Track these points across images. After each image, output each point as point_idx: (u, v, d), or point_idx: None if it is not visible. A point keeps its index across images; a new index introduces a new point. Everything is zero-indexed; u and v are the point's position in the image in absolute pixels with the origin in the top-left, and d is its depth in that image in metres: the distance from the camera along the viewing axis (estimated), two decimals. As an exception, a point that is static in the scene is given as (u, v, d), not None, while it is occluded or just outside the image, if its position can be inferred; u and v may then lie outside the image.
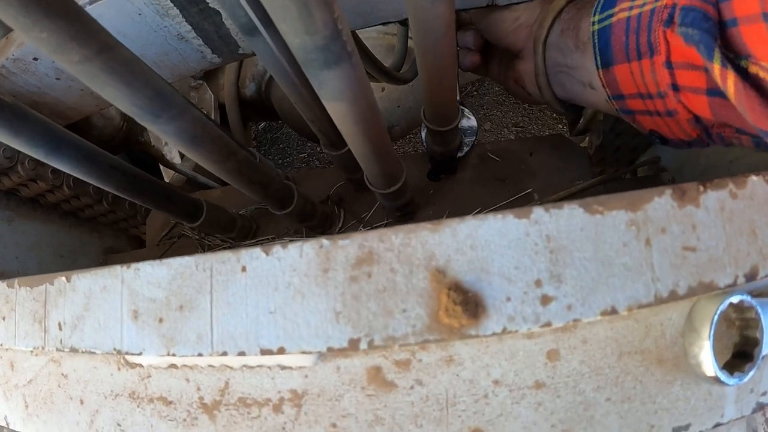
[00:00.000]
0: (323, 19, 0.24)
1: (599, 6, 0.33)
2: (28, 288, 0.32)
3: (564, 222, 0.23)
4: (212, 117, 0.63)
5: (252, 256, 0.24)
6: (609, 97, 0.34)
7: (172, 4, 0.38)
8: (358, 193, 0.50)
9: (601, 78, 0.33)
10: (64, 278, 0.30)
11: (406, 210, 0.44)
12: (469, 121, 0.43)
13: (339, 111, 0.30)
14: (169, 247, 0.52)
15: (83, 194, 0.49)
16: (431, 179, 0.47)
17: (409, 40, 0.62)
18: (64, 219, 0.51)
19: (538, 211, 0.23)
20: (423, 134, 0.47)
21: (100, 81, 0.27)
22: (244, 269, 0.24)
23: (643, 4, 0.30)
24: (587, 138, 0.49)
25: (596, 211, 0.23)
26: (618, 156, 0.46)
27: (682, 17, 0.26)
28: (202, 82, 0.65)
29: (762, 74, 0.23)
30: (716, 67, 0.24)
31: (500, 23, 0.42)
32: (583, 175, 0.46)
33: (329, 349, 0.23)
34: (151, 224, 0.55)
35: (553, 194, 0.45)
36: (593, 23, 0.33)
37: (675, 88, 0.29)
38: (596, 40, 0.33)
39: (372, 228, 0.46)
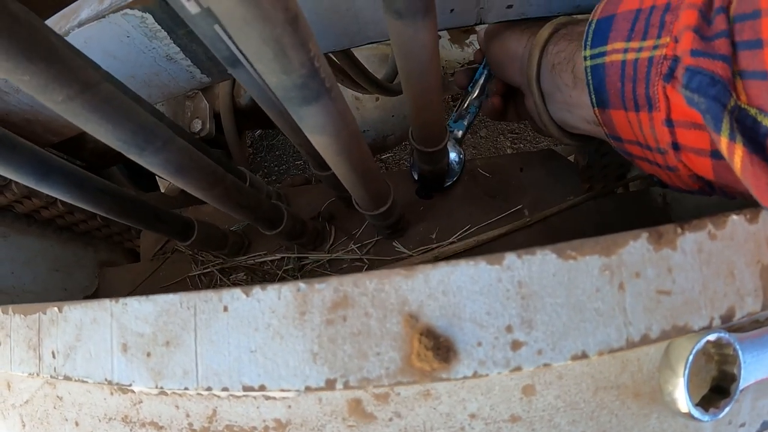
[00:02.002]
0: (299, 60, 0.24)
1: (589, 39, 0.31)
2: (21, 315, 0.33)
3: (536, 268, 0.23)
4: (208, 126, 0.64)
5: (233, 296, 0.25)
6: (607, 135, 0.32)
7: (159, 27, 0.39)
8: (348, 210, 0.50)
9: (597, 116, 0.32)
10: (56, 308, 0.31)
11: (396, 227, 0.45)
12: (460, 155, 0.44)
13: (321, 143, 0.31)
14: (163, 262, 0.54)
15: (77, 210, 0.51)
16: (422, 197, 0.48)
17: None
18: (59, 234, 0.53)
19: (510, 258, 0.23)
20: (411, 160, 0.47)
21: (83, 118, 0.28)
22: (225, 309, 0.26)
23: (640, 49, 0.27)
24: (573, 156, 0.49)
25: (569, 256, 0.24)
26: (606, 173, 0.47)
27: (687, 79, 0.24)
28: (197, 92, 0.66)
29: None
30: (723, 141, 0.23)
31: (495, 56, 0.41)
32: (575, 190, 0.46)
33: (307, 388, 0.24)
34: (146, 239, 0.57)
35: (544, 210, 0.45)
36: (585, 58, 0.31)
37: (676, 147, 0.27)
38: (590, 78, 0.31)
39: (362, 245, 0.47)
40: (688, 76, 0.24)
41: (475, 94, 0.45)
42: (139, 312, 0.28)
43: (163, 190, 0.69)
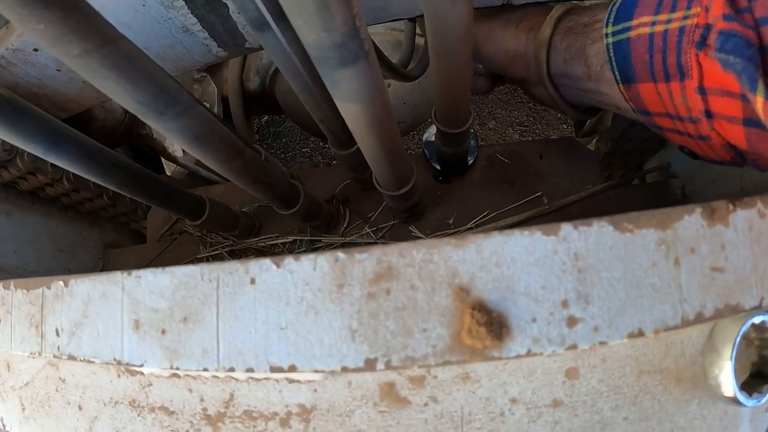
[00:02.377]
0: (342, 16, 0.21)
1: (612, 16, 0.30)
2: (24, 290, 0.30)
3: (593, 240, 0.21)
4: (215, 110, 0.60)
5: (262, 267, 0.22)
6: (634, 110, 0.31)
7: (177, -5, 0.36)
8: (364, 193, 0.47)
9: (623, 92, 0.31)
10: (61, 282, 0.28)
11: (413, 211, 0.42)
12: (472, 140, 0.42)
13: (352, 112, 0.28)
14: (170, 243, 0.50)
15: (83, 188, 0.47)
16: (439, 182, 0.45)
17: (417, 36, 0.60)
18: (64, 213, 0.49)
19: (566, 228, 0.21)
20: (424, 137, 0.45)
21: (100, 75, 0.25)
22: (253, 281, 0.22)
23: (669, 20, 0.27)
24: (595, 143, 0.47)
25: (626, 229, 0.21)
26: (627, 160, 0.45)
27: (721, 42, 0.23)
28: (205, 75, 0.63)
29: None
30: (759, 100, 0.22)
31: (491, 57, 0.39)
32: (593, 179, 0.44)
33: (344, 369, 0.21)
34: (153, 220, 0.53)
35: (563, 198, 0.43)
36: (606, 35, 0.30)
37: (709, 115, 0.26)
38: (612, 54, 0.30)
39: (377, 228, 0.45)
40: (722, 39, 0.23)
41: None
42: (154, 285, 0.24)
43: (169, 173, 0.66)
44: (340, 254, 0.21)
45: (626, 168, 0.46)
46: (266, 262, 0.22)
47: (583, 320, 0.20)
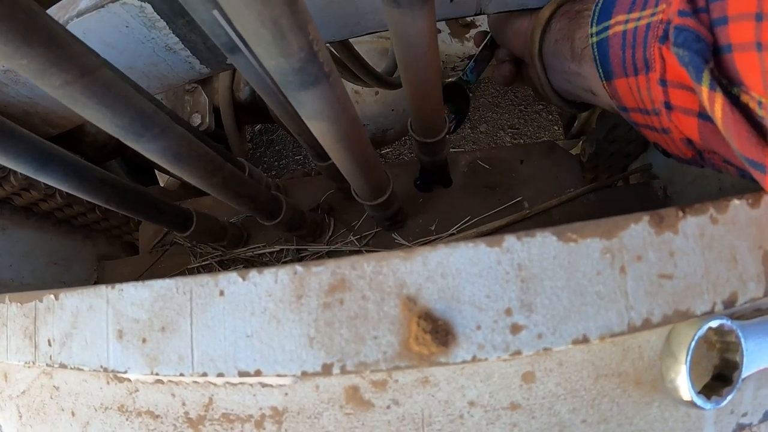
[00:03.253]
0: (298, 43, 0.24)
1: (595, 17, 0.33)
2: (18, 304, 0.33)
3: (536, 250, 0.23)
4: (207, 120, 0.63)
5: (229, 280, 0.25)
6: (616, 107, 0.34)
7: (158, 17, 0.39)
8: (347, 202, 0.50)
9: (606, 90, 0.33)
10: (52, 296, 0.31)
11: (395, 219, 0.45)
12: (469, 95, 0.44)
13: (319, 129, 0.31)
14: (161, 254, 0.53)
15: (76, 202, 0.51)
16: (422, 190, 0.48)
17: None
18: (58, 227, 0.52)
19: (510, 240, 0.23)
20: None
21: (81, 104, 0.28)
22: (222, 293, 0.25)
23: (639, 18, 0.29)
24: (580, 145, 0.49)
25: (570, 239, 0.23)
26: (611, 163, 0.46)
27: (674, 36, 0.26)
28: (197, 86, 0.66)
29: (752, 105, 0.23)
30: (704, 90, 0.24)
31: (502, 31, 0.43)
32: (574, 182, 0.46)
33: (303, 373, 0.24)
34: (144, 232, 0.56)
35: (544, 202, 0.45)
36: (591, 35, 0.33)
37: (668, 106, 0.29)
38: (596, 54, 0.33)
39: (361, 236, 0.47)
40: (675, 33, 0.25)
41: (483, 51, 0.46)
42: (135, 298, 0.27)
43: (162, 185, 0.69)
44: (298, 267, 0.24)
45: (611, 170, 0.47)
46: (233, 276, 0.25)
47: (527, 327, 0.23)
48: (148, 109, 0.31)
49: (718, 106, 0.24)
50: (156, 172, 0.73)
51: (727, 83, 0.24)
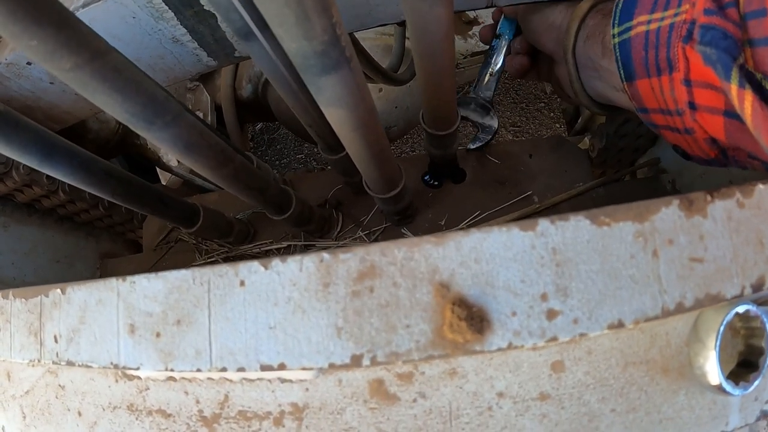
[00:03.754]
0: (321, 25, 0.23)
1: (617, 17, 0.32)
2: (23, 299, 0.31)
3: (570, 234, 0.22)
4: (209, 119, 0.62)
5: (250, 269, 0.23)
6: (636, 109, 0.33)
7: (166, 7, 0.37)
8: (356, 197, 0.49)
9: (626, 91, 0.32)
10: (59, 290, 0.29)
11: (405, 214, 0.43)
12: (492, 120, 0.43)
13: (337, 116, 0.29)
14: (166, 252, 0.51)
15: (79, 199, 0.48)
16: (431, 186, 0.46)
17: (406, 40, 0.61)
18: (60, 224, 0.50)
19: (543, 224, 0.22)
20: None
21: (91, 88, 0.26)
22: (242, 283, 0.23)
23: (662, 18, 0.28)
24: (588, 141, 0.48)
25: (603, 222, 0.22)
26: (620, 157, 0.46)
27: (701, 35, 0.25)
28: (198, 84, 0.64)
29: None
30: (733, 88, 0.23)
31: (532, 24, 0.41)
32: (583, 176, 0.45)
33: (331, 365, 0.22)
34: (148, 228, 0.54)
35: (553, 197, 0.44)
36: (613, 36, 0.32)
37: (692, 106, 0.28)
38: (618, 54, 0.32)
39: (370, 232, 0.46)
40: (702, 32, 0.25)
41: (502, 54, 0.44)
42: (148, 290, 0.26)
43: (164, 183, 0.67)
44: (325, 255, 0.22)
45: (620, 165, 0.47)
46: (254, 265, 0.23)
47: (563, 313, 0.21)
48: (160, 96, 0.29)
49: (747, 103, 0.23)
50: (158, 170, 0.71)
51: (762, 77, 0.23)
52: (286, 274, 0.23)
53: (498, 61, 0.45)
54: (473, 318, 0.21)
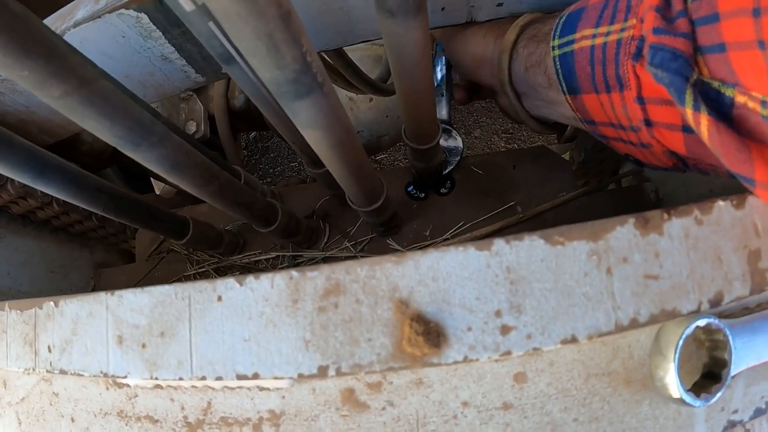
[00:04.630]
0: (292, 55, 0.25)
1: (557, 30, 0.32)
2: (18, 311, 0.34)
3: (524, 253, 0.24)
4: (202, 128, 0.65)
5: (227, 286, 0.26)
6: (580, 120, 0.34)
7: (154, 26, 0.40)
8: (342, 208, 0.51)
9: (569, 103, 0.33)
10: (52, 303, 0.32)
11: (389, 225, 0.46)
12: (456, 141, 0.45)
13: (314, 137, 0.32)
14: (158, 262, 0.54)
15: (72, 210, 0.52)
16: (413, 198, 0.48)
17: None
18: (55, 235, 0.53)
19: (498, 243, 0.24)
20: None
21: (80, 114, 0.29)
22: (220, 299, 0.26)
23: (608, 33, 0.29)
24: (569, 153, 0.50)
25: (557, 242, 0.24)
26: (602, 168, 0.48)
27: (651, 56, 0.25)
28: (192, 94, 0.67)
29: (751, 104, 0.22)
30: (688, 111, 0.24)
31: (464, 61, 0.42)
32: (567, 186, 0.47)
33: (300, 376, 0.25)
34: (141, 239, 0.57)
35: (537, 206, 0.46)
36: (553, 48, 0.32)
37: (648, 123, 0.28)
38: (559, 67, 0.32)
39: (356, 242, 0.48)
40: (651, 53, 0.25)
41: (440, 71, 0.47)
42: (135, 304, 0.28)
43: (158, 192, 0.70)
44: (294, 272, 0.25)
45: (602, 174, 0.49)
46: (230, 281, 0.26)
47: (516, 328, 0.24)
48: (146, 119, 0.32)
49: (703, 127, 0.24)
50: (152, 180, 0.74)
51: (720, 83, 0.23)
52: (259, 291, 0.25)
53: (437, 78, 0.47)
54: (430, 333, 0.23)
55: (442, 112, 0.46)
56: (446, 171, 0.45)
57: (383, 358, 0.24)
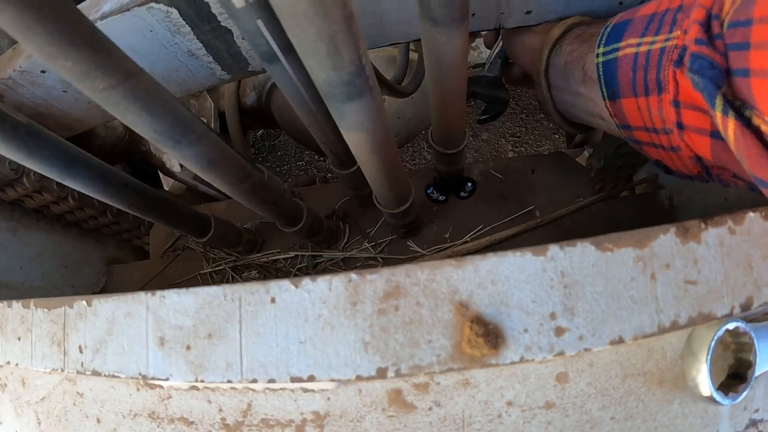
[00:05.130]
0: (350, 57, 0.25)
1: (603, 38, 0.34)
2: (45, 309, 0.33)
3: (577, 259, 0.25)
4: (212, 125, 0.63)
5: (281, 288, 0.25)
6: (617, 126, 0.35)
7: (183, 22, 0.39)
8: (363, 209, 0.51)
9: (608, 108, 0.34)
10: (84, 302, 0.31)
11: (411, 227, 0.46)
12: (503, 93, 0.46)
13: (357, 139, 0.31)
14: (173, 260, 0.53)
15: (88, 205, 0.50)
16: (435, 200, 0.48)
17: (410, 52, 0.63)
18: (68, 230, 0.51)
19: (553, 249, 0.24)
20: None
21: (122, 108, 0.28)
22: (273, 300, 0.26)
23: (653, 42, 0.30)
24: (587, 159, 0.51)
25: (607, 248, 0.25)
26: (619, 173, 0.49)
27: (690, 63, 0.27)
28: (202, 91, 0.65)
29: (764, 128, 0.24)
30: (718, 115, 0.26)
31: (512, 45, 0.45)
32: (584, 191, 0.48)
33: (358, 377, 0.24)
34: (155, 236, 0.56)
35: (555, 211, 0.47)
36: (597, 55, 0.34)
37: (680, 126, 0.30)
38: (601, 72, 0.34)
39: (376, 243, 0.48)
40: (692, 60, 0.27)
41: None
42: (179, 305, 0.28)
43: (167, 188, 0.68)
44: (353, 275, 0.24)
45: (617, 180, 0.50)
46: (285, 283, 0.25)
47: (570, 330, 0.24)
48: (186, 116, 0.31)
49: (730, 131, 0.25)
50: (161, 175, 0.72)
51: (741, 105, 0.25)
52: (316, 293, 0.25)
53: (500, 46, 0.49)
54: (489, 334, 0.23)
55: (495, 71, 0.48)
56: (484, 117, 0.45)
57: (443, 359, 0.24)
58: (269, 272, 0.48)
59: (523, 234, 0.46)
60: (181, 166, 0.64)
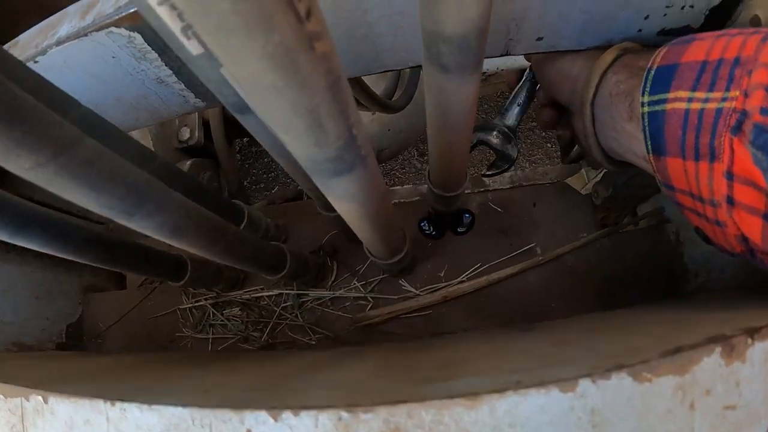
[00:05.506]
0: (336, 131, 0.18)
1: (648, 84, 0.28)
2: (2, 396, 0.26)
3: (611, 394, 0.19)
4: (196, 134, 0.55)
5: (258, 419, 0.20)
6: (659, 182, 0.30)
7: (149, 48, 0.31)
8: (351, 244, 0.44)
9: (651, 162, 0.29)
10: (40, 398, 0.25)
11: (404, 267, 0.40)
12: (512, 150, 0.38)
13: (347, 209, 0.25)
14: (150, 292, 0.46)
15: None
16: (431, 237, 0.42)
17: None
18: (40, 258, 0.44)
19: (584, 384, 0.19)
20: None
21: (58, 185, 0.22)
22: (248, 432, 0.20)
23: (706, 99, 0.25)
24: (593, 187, 0.44)
25: (645, 378, 0.20)
26: (625, 204, 0.42)
27: (754, 136, 0.22)
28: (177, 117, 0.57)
29: None
30: None
31: (547, 72, 0.37)
32: (588, 224, 0.42)
33: None
34: (133, 265, 0.49)
35: (557, 247, 0.41)
36: (642, 104, 0.28)
37: (730, 201, 0.25)
38: (647, 124, 0.28)
39: (366, 282, 0.42)
40: (756, 132, 0.22)
41: (525, 90, 0.41)
42: (141, 422, 0.22)
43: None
44: (343, 413, 0.19)
45: (624, 210, 0.43)
46: (262, 414, 0.20)
47: (596, 476, 0.19)
48: (140, 183, 0.24)
49: None
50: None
51: None
52: (300, 429, 0.19)
53: (522, 93, 0.41)
54: (506, 492, 0.18)
55: (512, 121, 0.40)
56: (489, 173, 0.39)
57: None
58: (252, 309, 0.42)
59: (523, 273, 0.40)
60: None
